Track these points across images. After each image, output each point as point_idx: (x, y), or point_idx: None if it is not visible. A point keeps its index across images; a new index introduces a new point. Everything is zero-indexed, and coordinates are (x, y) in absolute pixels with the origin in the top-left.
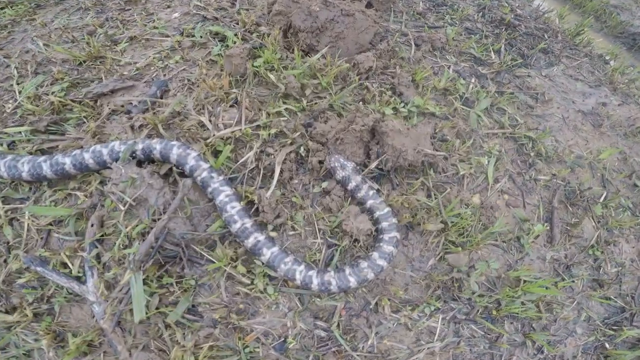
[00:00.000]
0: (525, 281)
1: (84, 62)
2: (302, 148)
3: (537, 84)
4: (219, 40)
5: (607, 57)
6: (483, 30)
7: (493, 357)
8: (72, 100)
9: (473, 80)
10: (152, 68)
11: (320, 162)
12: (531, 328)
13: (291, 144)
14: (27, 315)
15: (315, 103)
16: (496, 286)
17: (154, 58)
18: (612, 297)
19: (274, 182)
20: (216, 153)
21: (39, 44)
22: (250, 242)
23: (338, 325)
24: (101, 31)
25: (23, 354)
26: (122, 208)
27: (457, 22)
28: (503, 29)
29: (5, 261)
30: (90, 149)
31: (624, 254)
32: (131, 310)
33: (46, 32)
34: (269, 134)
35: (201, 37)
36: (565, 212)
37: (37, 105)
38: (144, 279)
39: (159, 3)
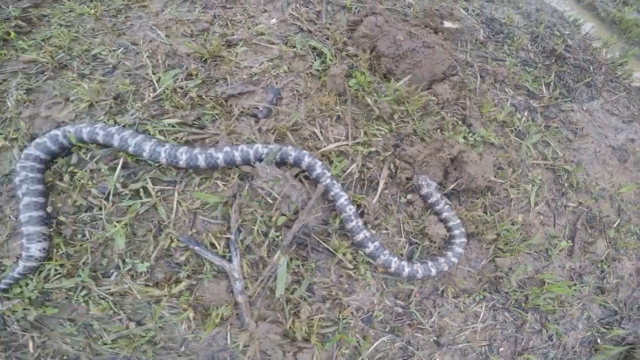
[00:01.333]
0: (548, 282)
1: (207, 59)
2: (392, 165)
3: (578, 119)
4: (317, 55)
5: None
6: (536, 62)
7: (517, 340)
8: (206, 98)
9: (526, 114)
10: (266, 75)
11: (408, 178)
12: (547, 319)
13: (383, 160)
14: (170, 290)
15: (401, 126)
16: (526, 285)
17: (268, 65)
18: (609, 302)
19: (379, 192)
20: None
21: (160, 34)
22: (360, 237)
23: (412, 303)
24: (214, 30)
25: (160, 327)
26: (270, 201)
27: (513, 51)
28: (553, 60)
29: (154, 238)
30: (239, 147)
31: (625, 269)
32: (263, 287)
33: (161, 22)
34: (369, 152)
35: (301, 49)
36: (585, 233)
37: (180, 99)
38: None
39: (255, 5)
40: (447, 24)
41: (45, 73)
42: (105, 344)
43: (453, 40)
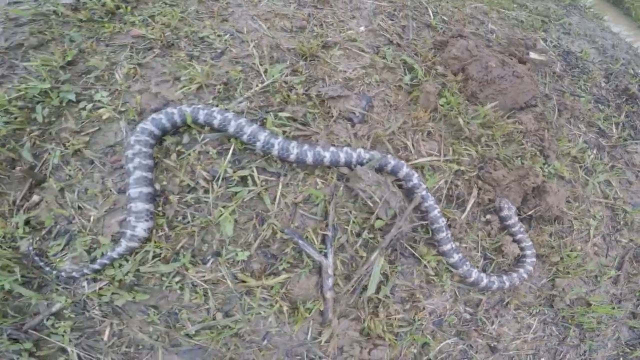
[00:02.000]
0: (593, 304)
1: (307, 57)
2: (476, 185)
3: (639, 161)
4: (407, 69)
5: None
6: (608, 100)
7: (556, 352)
8: (311, 96)
9: (595, 152)
10: (359, 82)
11: (490, 200)
12: (584, 336)
13: (469, 180)
14: (264, 282)
15: (486, 150)
16: (574, 304)
17: (361, 73)
18: (637, 327)
19: (467, 209)
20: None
21: (262, 26)
22: (447, 247)
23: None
24: (310, 28)
25: (248, 319)
26: (370, 204)
27: (588, 87)
28: (625, 100)
29: (255, 227)
30: (344, 149)
31: None
32: (356, 284)
33: (260, 12)
34: (457, 170)
35: (392, 61)
36: (630, 266)
37: (288, 94)
38: None
39: (343, 10)
40: (533, 55)
41: (153, 50)
42: (188, 334)
43: (536, 71)
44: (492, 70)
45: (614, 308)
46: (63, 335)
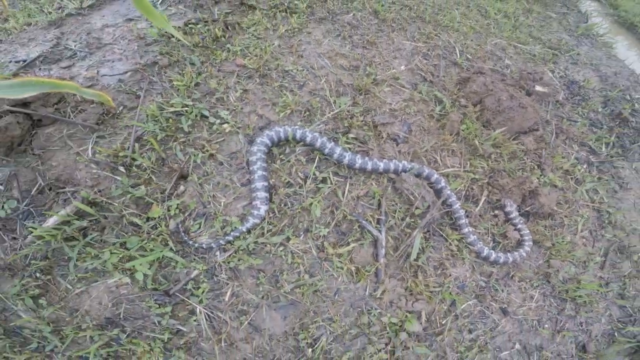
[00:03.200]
0: (582, 282)
1: (362, 92)
2: (487, 189)
3: (626, 175)
4: (437, 102)
5: None
6: (602, 123)
7: (557, 320)
8: (365, 122)
9: (585, 167)
10: (402, 111)
11: (497, 199)
12: (579, 309)
13: (481, 186)
14: (336, 251)
15: (495, 164)
16: (567, 282)
17: (402, 105)
18: (627, 306)
19: (480, 204)
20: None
21: (327, 63)
22: (465, 230)
23: (492, 280)
24: (362, 67)
25: (325, 279)
26: (412, 198)
27: (585, 113)
28: (618, 123)
29: (331, 212)
30: (393, 161)
31: None
32: (402, 253)
33: (324, 51)
34: (473, 178)
35: (426, 95)
36: (615, 256)
37: (350, 120)
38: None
39: (387, 51)
40: (538, 88)
41: (253, 78)
42: (285, 292)
43: (540, 101)
44: (503, 102)
45: (601, 285)
46: (199, 297)
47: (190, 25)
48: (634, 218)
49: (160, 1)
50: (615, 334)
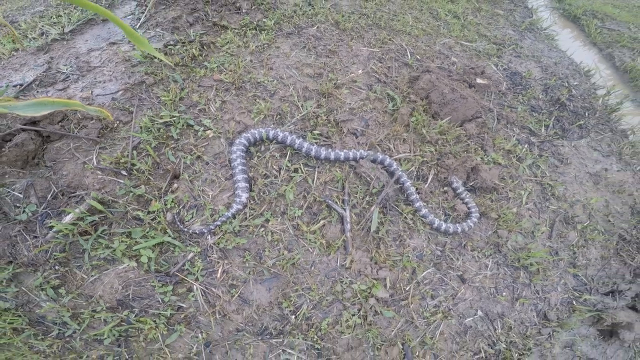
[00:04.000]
0: (532, 250)
1: (325, 95)
2: (435, 169)
3: (566, 152)
4: (390, 99)
5: (629, 132)
6: (542, 108)
7: (514, 289)
8: (329, 120)
9: (526, 146)
10: (359, 109)
11: (445, 177)
12: (532, 277)
13: (430, 167)
14: (310, 228)
15: (442, 148)
16: (517, 251)
17: (360, 104)
18: (580, 275)
19: (428, 182)
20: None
21: (295, 73)
22: (417, 204)
23: (446, 249)
24: (325, 74)
25: (302, 253)
26: (368, 180)
27: (526, 100)
28: (557, 107)
29: (304, 197)
30: (351, 150)
31: (591, 255)
32: (364, 227)
33: (291, 62)
34: (423, 161)
35: (380, 94)
36: (561, 226)
37: (315, 120)
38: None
39: (346, 58)
40: (479, 80)
41: (230, 90)
42: (268, 267)
43: (482, 92)
44: (446, 95)
45: (551, 254)
46: (195, 275)
47: (169, 47)
48: (576, 190)
49: (138, 25)
50: (574, 302)
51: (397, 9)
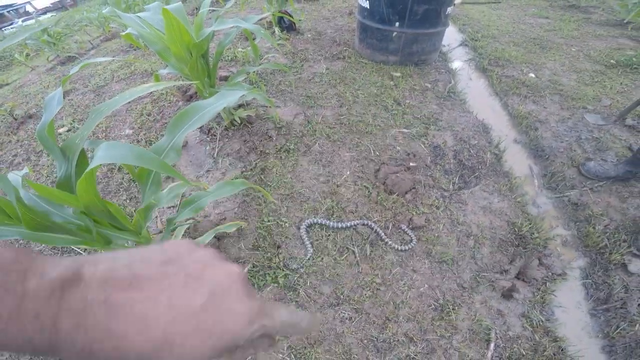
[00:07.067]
0: (448, 252)
1: (333, 193)
2: (391, 222)
3: (465, 197)
4: (365, 188)
5: (512, 175)
6: (452, 171)
7: (441, 272)
8: (338, 208)
9: (441, 199)
10: (352, 198)
11: (398, 225)
12: (450, 266)
13: (390, 221)
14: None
15: (395, 211)
16: (439, 254)
17: (353, 195)
18: (478, 263)
19: (390, 229)
20: None
21: (315, 182)
22: (387, 240)
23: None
24: (330, 179)
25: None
26: (361, 233)
27: (441, 167)
28: (461, 167)
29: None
30: (351, 221)
31: (483, 252)
32: (367, 255)
33: (311, 175)
34: (386, 219)
35: (360, 186)
36: (464, 238)
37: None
38: None
39: (339, 165)
40: (412, 164)
41: (286, 200)
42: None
43: (414, 170)
44: (394, 179)
45: (460, 253)
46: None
47: (244, 173)
48: (471, 218)
49: (216, 153)
50: (477, 278)
51: (360, 109)
